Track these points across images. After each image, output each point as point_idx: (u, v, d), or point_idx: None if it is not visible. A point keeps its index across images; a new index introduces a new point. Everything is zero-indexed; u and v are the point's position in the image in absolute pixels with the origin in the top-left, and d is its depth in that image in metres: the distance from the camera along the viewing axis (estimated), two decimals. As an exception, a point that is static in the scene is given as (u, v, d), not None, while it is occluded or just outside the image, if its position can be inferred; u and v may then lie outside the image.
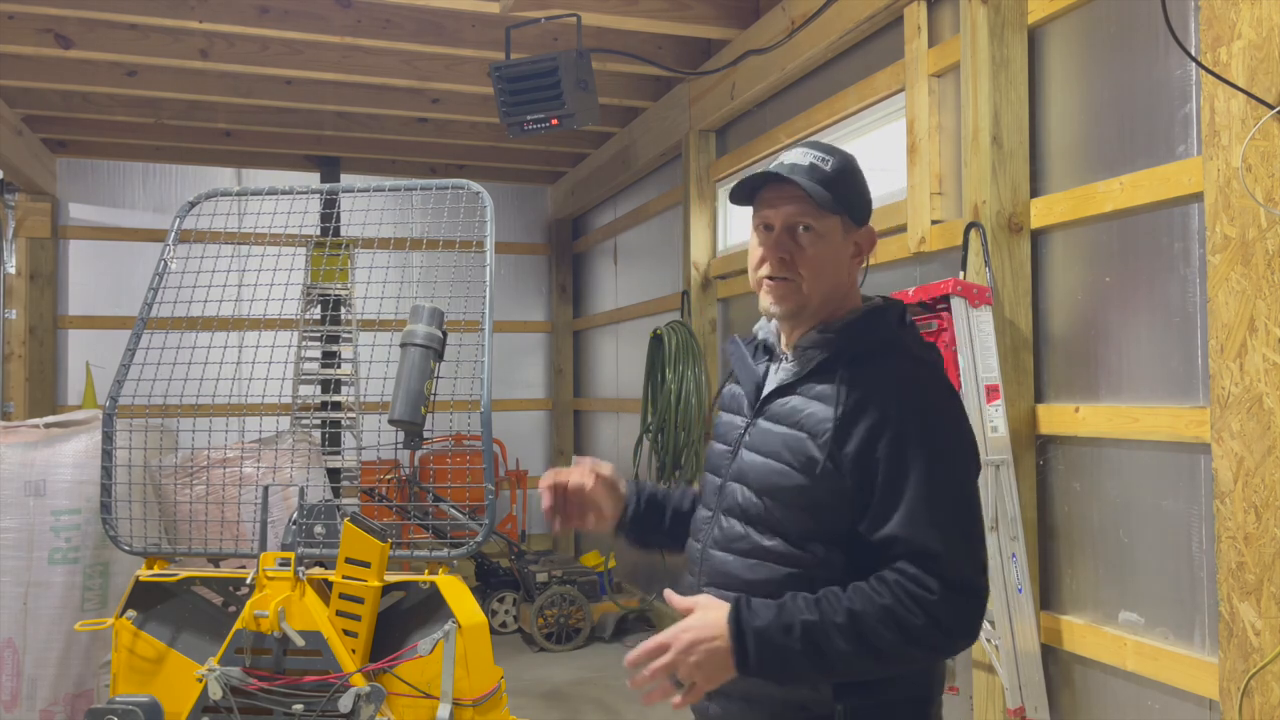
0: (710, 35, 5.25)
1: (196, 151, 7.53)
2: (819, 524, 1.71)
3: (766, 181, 1.81)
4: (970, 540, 1.67)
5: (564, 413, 8.85)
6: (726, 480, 1.84)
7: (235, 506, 3.95)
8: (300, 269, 6.47)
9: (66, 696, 4.08)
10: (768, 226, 1.82)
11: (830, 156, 1.80)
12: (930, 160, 3.75)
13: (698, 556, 1.86)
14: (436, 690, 2.78)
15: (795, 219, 1.78)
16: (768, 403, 1.82)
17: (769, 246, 1.81)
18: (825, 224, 1.79)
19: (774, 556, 1.73)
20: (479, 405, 3.04)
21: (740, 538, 1.78)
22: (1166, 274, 2.87)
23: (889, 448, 1.66)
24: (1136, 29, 2.98)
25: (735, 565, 1.77)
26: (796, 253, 1.79)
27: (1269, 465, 2.26)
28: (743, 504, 1.78)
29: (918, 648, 1.60)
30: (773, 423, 1.79)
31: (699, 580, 1.83)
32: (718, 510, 1.84)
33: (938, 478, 1.65)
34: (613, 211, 7.96)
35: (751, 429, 1.83)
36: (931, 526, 1.62)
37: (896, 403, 1.68)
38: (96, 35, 5.28)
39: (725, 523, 1.82)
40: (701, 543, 1.86)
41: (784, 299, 1.81)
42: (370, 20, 5.14)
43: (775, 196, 1.80)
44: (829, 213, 1.78)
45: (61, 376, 7.65)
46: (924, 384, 1.75)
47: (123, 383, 3.22)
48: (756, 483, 1.77)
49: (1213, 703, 2.64)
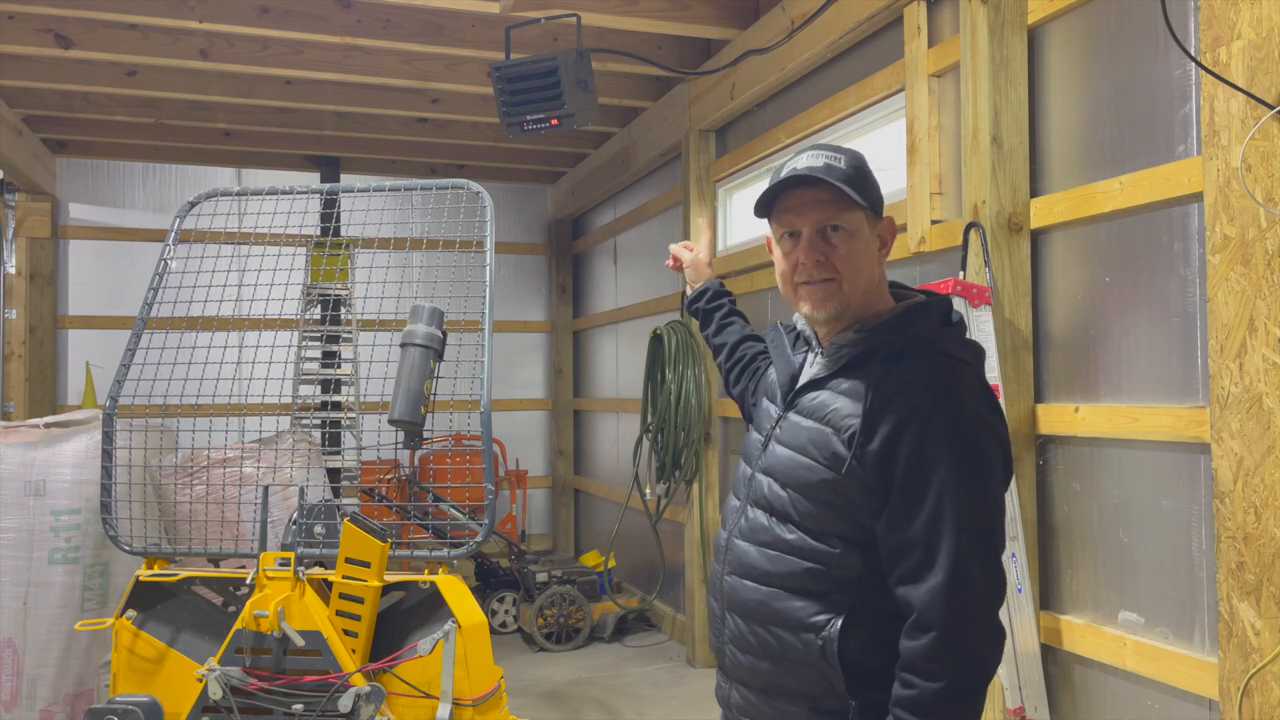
0: (710, 35, 5.24)
1: (196, 151, 7.53)
2: (840, 520, 1.72)
3: (788, 188, 1.79)
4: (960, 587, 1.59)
5: (564, 413, 8.85)
6: (756, 472, 1.87)
7: (235, 506, 3.96)
8: (300, 269, 6.47)
9: (66, 696, 4.08)
10: (793, 234, 1.81)
11: (841, 154, 1.80)
12: (930, 160, 3.75)
13: (723, 546, 1.91)
14: (436, 690, 2.78)
15: (823, 220, 1.77)
16: (799, 396, 1.84)
17: (804, 251, 1.79)
18: (853, 221, 1.78)
19: (794, 550, 1.75)
20: (479, 405, 3.04)
21: (763, 529, 1.81)
22: (1166, 274, 2.87)
23: (912, 448, 1.63)
24: (1136, 29, 2.98)
25: (757, 557, 1.80)
26: (831, 253, 1.77)
27: (1269, 465, 2.26)
28: (769, 496, 1.81)
29: None
30: (802, 416, 1.80)
31: (723, 569, 1.88)
32: (746, 501, 1.88)
33: (957, 520, 1.59)
34: (613, 211, 7.96)
35: (783, 421, 1.85)
36: (948, 601, 1.58)
37: (924, 402, 1.65)
38: (96, 35, 5.28)
39: (752, 514, 1.85)
40: (728, 532, 1.90)
41: (826, 301, 1.79)
42: (370, 20, 5.14)
43: (798, 203, 1.79)
44: (855, 209, 1.77)
45: (61, 376, 7.64)
46: (956, 384, 1.70)
47: (123, 383, 3.22)
48: (783, 476, 1.79)
49: (1212, 703, 2.64)
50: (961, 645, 1.59)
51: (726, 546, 1.89)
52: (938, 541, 1.60)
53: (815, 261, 1.77)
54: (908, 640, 1.61)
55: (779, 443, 1.83)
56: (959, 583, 1.59)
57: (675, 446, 5.59)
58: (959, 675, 1.58)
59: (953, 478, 1.61)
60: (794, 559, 1.74)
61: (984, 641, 1.62)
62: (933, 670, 1.58)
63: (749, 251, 5.38)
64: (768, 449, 1.85)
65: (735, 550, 1.85)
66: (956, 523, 1.60)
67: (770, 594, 1.77)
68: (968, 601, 1.60)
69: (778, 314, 5.05)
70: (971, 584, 1.60)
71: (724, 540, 1.91)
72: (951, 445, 1.62)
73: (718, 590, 1.90)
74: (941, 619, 1.57)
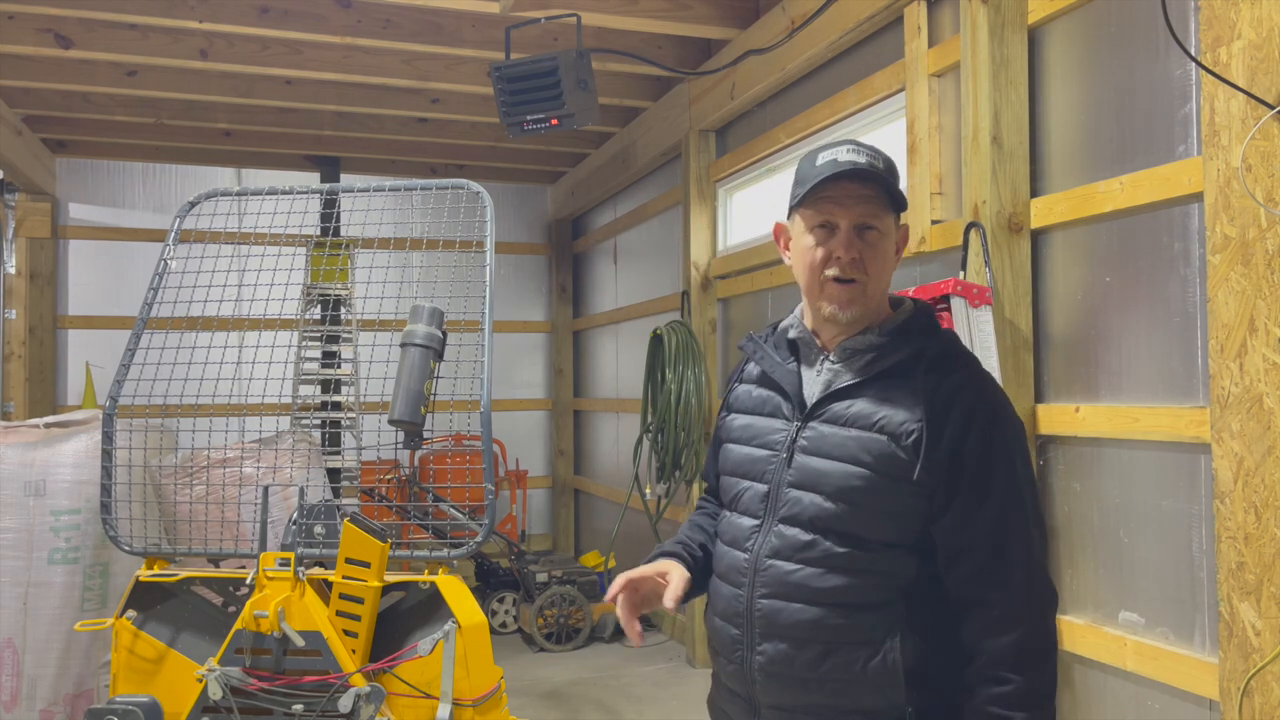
0: (710, 35, 5.25)
1: (196, 151, 7.53)
2: (897, 527, 1.69)
3: (835, 179, 1.72)
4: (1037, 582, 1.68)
5: (564, 413, 8.85)
6: (782, 487, 1.76)
7: (235, 506, 3.95)
8: (300, 269, 6.47)
9: (66, 696, 4.08)
10: (825, 225, 1.74)
11: (877, 154, 1.76)
12: (930, 160, 3.75)
13: (747, 567, 1.78)
14: (436, 690, 2.78)
15: (864, 217, 1.73)
16: (823, 405, 1.76)
17: (843, 245, 1.73)
18: (886, 223, 1.76)
19: (847, 562, 1.69)
20: (479, 405, 3.04)
21: (806, 545, 1.71)
22: (1166, 274, 2.87)
23: (979, 451, 1.66)
24: (1136, 29, 2.98)
25: (803, 574, 1.71)
26: (866, 252, 1.73)
27: (1269, 465, 2.26)
28: (811, 511, 1.72)
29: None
30: (838, 426, 1.73)
31: (752, 592, 1.76)
32: (770, 518, 1.77)
33: (1018, 520, 1.67)
34: (613, 211, 7.96)
35: (806, 433, 1.76)
36: (1020, 594, 1.64)
37: (982, 407, 1.70)
38: (96, 35, 5.28)
39: (784, 531, 1.74)
40: (752, 553, 1.77)
41: (852, 303, 1.75)
42: (370, 20, 5.14)
43: (841, 194, 1.73)
44: (890, 212, 1.75)
45: (61, 376, 7.64)
46: (998, 389, 1.79)
47: (123, 383, 3.22)
48: (830, 488, 1.70)
49: (1213, 703, 2.64)
50: (1046, 638, 1.67)
51: (754, 568, 1.76)
52: (1007, 541, 1.66)
53: (851, 260, 1.73)
54: (992, 638, 1.64)
55: (811, 454, 1.74)
56: (1038, 579, 1.68)
57: (675, 446, 5.59)
58: (1046, 667, 1.66)
59: (1016, 479, 1.68)
60: (849, 573, 1.68)
61: (1055, 636, 1.71)
62: (1024, 664, 1.62)
63: (749, 251, 5.38)
64: (793, 462, 1.75)
65: (773, 571, 1.73)
66: (1024, 521, 1.67)
67: (825, 613, 1.69)
68: (1045, 597, 1.69)
69: (779, 314, 5.04)
70: (1047, 580, 1.70)
71: (747, 561, 1.77)
72: (1012, 449, 1.69)
73: (742, 615, 1.77)
74: (1027, 614, 1.64)
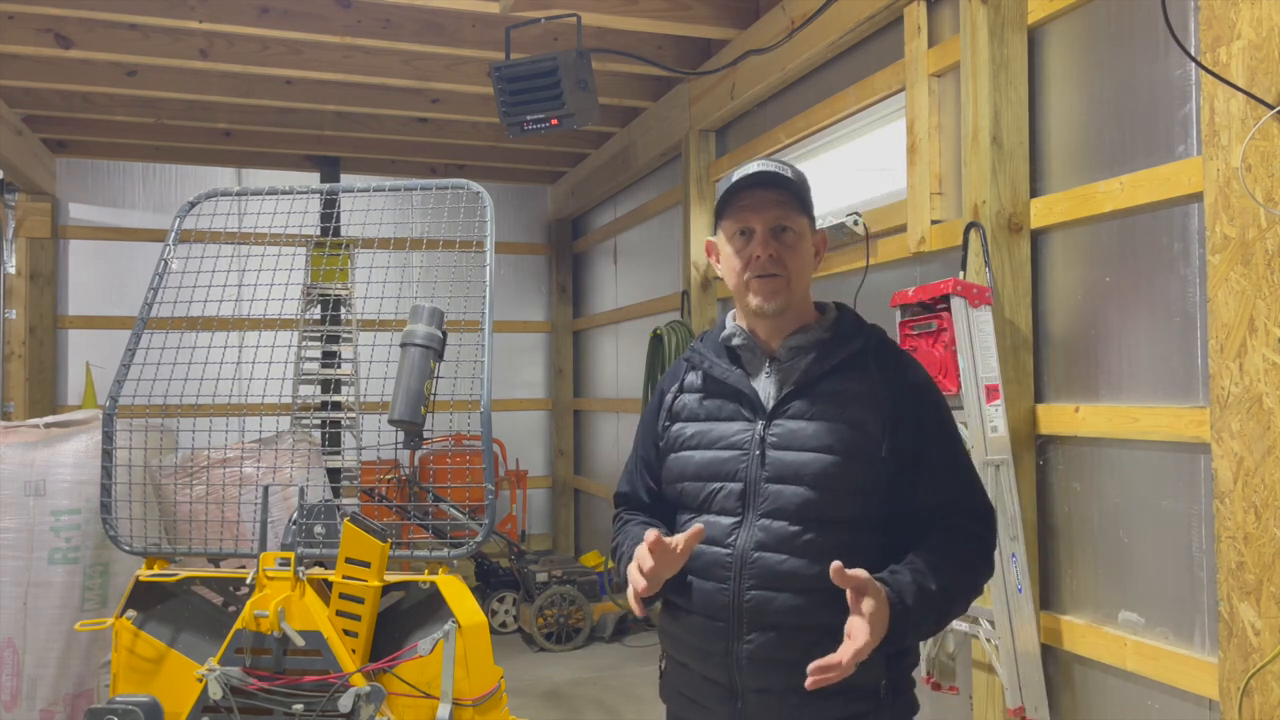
0: (710, 35, 5.24)
1: (196, 151, 7.53)
2: (869, 509, 1.85)
3: (745, 188, 1.91)
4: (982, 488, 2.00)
5: (564, 413, 8.85)
6: (759, 483, 1.86)
7: (235, 506, 3.96)
8: (300, 269, 6.47)
9: (66, 696, 4.08)
10: (745, 232, 1.92)
11: (785, 165, 1.96)
12: (930, 160, 3.75)
13: (731, 562, 1.85)
14: (436, 690, 2.79)
15: (777, 220, 1.91)
16: (787, 401, 1.90)
17: (760, 245, 1.90)
18: (800, 225, 1.94)
19: (834, 547, 1.80)
20: (479, 405, 3.05)
21: (793, 536, 1.83)
22: (1166, 274, 2.87)
23: (931, 416, 1.91)
24: (1136, 29, 2.98)
25: (793, 564, 1.82)
26: (784, 252, 1.90)
27: (1269, 465, 2.26)
28: (795, 502, 1.83)
29: (983, 578, 1.91)
30: (806, 420, 1.87)
31: (739, 585, 1.84)
32: (750, 513, 1.86)
33: (961, 449, 1.97)
34: (613, 211, 7.96)
35: (773, 429, 1.88)
36: (972, 489, 1.94)
37: (928, 393, 1.95)
38: (96, 35, 5.28)
39: (772, 524, 1.84)
40: (736, 548, 1.85)
41: (775, 294, 1.91)
42: (370, 20, 5.14)
43: (754, 202, 1.91)
44: (802, 214, 1.93)
45: (61, 376, 7.64)
46: (924, 369, 2.04)
47: (123, 383, 3.22)
48: (810, 478, 1.83)
49: (1213, 703, 2.64)
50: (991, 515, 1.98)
51: (740, 562, 1.84)
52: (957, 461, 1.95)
53: (770, 256, 1.89)
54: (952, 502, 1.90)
55: (783, 449, 1.86)
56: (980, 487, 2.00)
57: (675, 446, 5.58)
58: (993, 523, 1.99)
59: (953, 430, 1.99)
60: (831, 558, 1.72)
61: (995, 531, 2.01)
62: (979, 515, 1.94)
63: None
64: (766, 459, 1.86)
65: (761, 564, 1.82)
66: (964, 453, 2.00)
67: (813, 599, 1.79)
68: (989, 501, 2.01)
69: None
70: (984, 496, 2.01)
71: (730, 557, 1.85)
72: (946, 411, 1.99)
73: (728, 608, 1.85)
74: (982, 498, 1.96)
